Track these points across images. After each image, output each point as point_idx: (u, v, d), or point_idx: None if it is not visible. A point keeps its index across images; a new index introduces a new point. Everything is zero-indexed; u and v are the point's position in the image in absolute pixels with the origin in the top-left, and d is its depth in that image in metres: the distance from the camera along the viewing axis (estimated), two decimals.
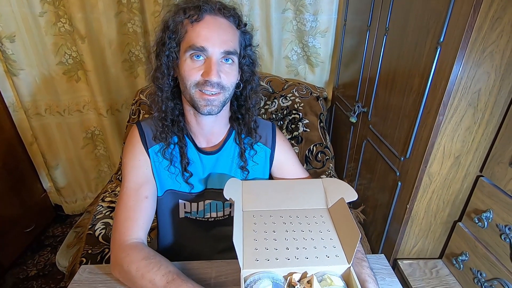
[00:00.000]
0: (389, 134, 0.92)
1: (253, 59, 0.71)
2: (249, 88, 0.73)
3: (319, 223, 0.68)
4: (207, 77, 0.61)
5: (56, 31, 1.34)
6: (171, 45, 0.63)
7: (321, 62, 1.47)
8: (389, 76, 0.91)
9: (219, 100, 0.65)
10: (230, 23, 0.65)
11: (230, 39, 0.64)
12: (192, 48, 0.61)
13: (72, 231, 1.09)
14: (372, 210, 1.08)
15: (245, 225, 0.65)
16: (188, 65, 0.63)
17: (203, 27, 0.61)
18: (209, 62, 0.62)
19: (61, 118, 1.53)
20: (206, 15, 0.62)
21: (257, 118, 0.78)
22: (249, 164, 0.78)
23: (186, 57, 0.63)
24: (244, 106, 0.75)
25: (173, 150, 0.72)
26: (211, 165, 0.76)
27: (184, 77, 0.64)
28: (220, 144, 0.76)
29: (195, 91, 0.64)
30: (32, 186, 1.66)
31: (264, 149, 0.79)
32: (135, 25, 1.40)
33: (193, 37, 0.61)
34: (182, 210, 0.78)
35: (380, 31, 0.96)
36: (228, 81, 0.64)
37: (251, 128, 0.76)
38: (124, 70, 1.49)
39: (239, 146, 0.77)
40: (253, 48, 0.71)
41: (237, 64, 0.67)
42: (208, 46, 0.61)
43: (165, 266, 0.58)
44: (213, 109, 0.65)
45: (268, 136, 0.80)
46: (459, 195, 0.79)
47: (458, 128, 0.69)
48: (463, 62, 0.62)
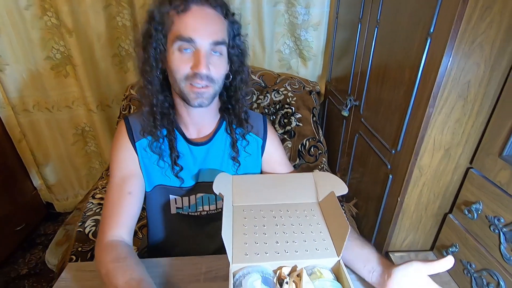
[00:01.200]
0: (380, 127, 0.91)
1: (242, 49, 0.70)
2: (238, 78, 0.72)
3: (309, 217, 0.67)
4: (196, 69, 0.60)
5: (43, 25, 1.31)
6: (158, 37, 0.61)
7: (314, 56, 1.46)
8: (381, 69, 0.91)
9: (209, 93, 0.63)
10: (217, 13, 0.63)
11: (218, 29, 0.62)
12: (179, 39, 0.59)
13: (62, 228, 1.07)
14: (364, 204, 1.08)
15: (235, 220, 0.65)
16: (176, 58, 0.61)
17: (189, 18, 0.59)
18: (198, 54, 0.60)
19: (50, 114, 1.50)
20: (193, 5, 0.60)
21: (247, 109, 0.77)
22: (241, 155, 0.77)
23: (174, 49, 0.61)
24: (234, 96, 0.74)
25: (162, 144, 0.71)
26: (202, 157, 0.75)
27: (173, 70, 0.62)
28: (211, 135, 0.75)
29: (185, 84, 0.62)
30: (22, 184, 1.64)
31: (256, 139, 0.78)
32: (124, 19, 1.38)
33: (180, 28, 0.60)
34: (174, 206, 0.77)
35: (372, 23, 0.95)
36: (217, 73, 0.63)
37: (242, 119, 0.75)
38: (114, 65, 1.47)
39: (231, 136, 0.76)
40: (242, 38, 0.70)
41: (226, 55, 0.66)
42: (196, 37, 0.59)
43: (130, 273, 0.55)
44: (204, 101, 0.64)
45: (259, 126, 0.79)
46: (449, 187, 0.79)
47: (448, 120, 0.69)
48: (452, 53, 0.61)
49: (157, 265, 0.68)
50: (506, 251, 0.63)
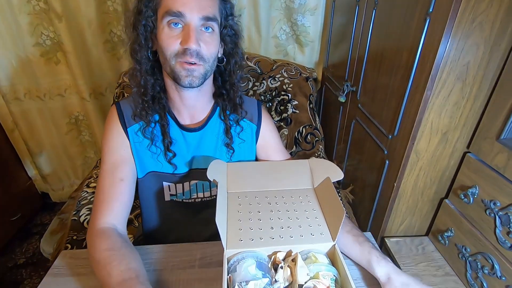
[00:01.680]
0: (377, 113, 0.90)
1: (235, 29, 0.68)
2: (233, 62, 0.70)
3: (305, 203, 0.67)
4: (186, 44, 0.58)
5: (31, 10, 1.27)
6: (147, 14, 0.59)
7: (311, 42, 1.43)
8: (378, 54, 0.89)
9: (200, 71, 0.61)
10: None
11: (209, 4, 0.60)
12: (168, 13, 0.57)
13: (56, 217, 1.06)
14: (360, 190, 1.08)
15: (230, 206, 0.64)
16: (166, 33, 0.59)
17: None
18: (188, 29, 0.58)
19: (42, 103, 1.47)
20: None
21: (242, 94, 0.76)
22: (235, 141, 0.76)
23: (164, 25, 0.59)
24: (228, 81, 0.72)
25: (154, 128, 0.69)
26: (196, 143, 0.73)
27: (163, 47, 0.60)
28: (204, 120, 0.73)
29: (175, 62, 0.60)
30: (16, 174, 1.62)
31: (250, 125, 0.77)
32: (116, 3, 1.33)
33: (169, 2, 0.58)
34: (167, 193, 0.76)
35: (370, 5, 0.92)
36: (208, 50, 0.61)
37: (236, 104, 0.73)
38: (106, 51, 1.43)
39: (224, 122, 0.74)
40: (235, 19, 0.67)
41: (218, 34, 0.64)
42: (186, 11, 0.57)
43: (127, 262, 0.55)
44: (194, 80, 0.61)
45: (253, 112, 0.77)
46: (446, 172, 0.79)
47: (446, 103, 0.68)
48: (451, 33, 0.59)
49: (152, 252, 0.67)
50: (501, 234, 0.63)
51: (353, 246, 0.61)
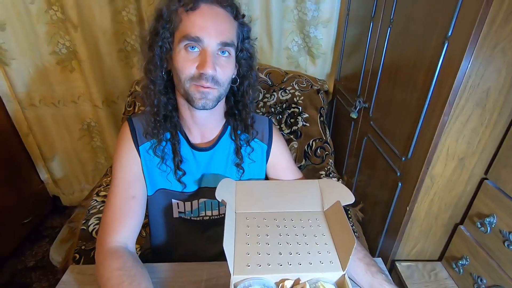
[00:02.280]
0: (390, 132, 0.88)
1: (251, 52, 0.68)
2: (246, 83, 0.70)
3: (314, 227, 0.65)
4: (202, 69, 0.58)
5: (48, 19, 1.29)
6: (164, 35, 0.60)
7: (323, 54, 1.42)
8: (392, 71, 0.87)
9: (214, 94, 0.61)
10: (227, 13, 0.61)
11: (227, 30, 0.60)
12: (186, 38, 0.57)
13: (66, 226, 1.08)
14: (370, 208, 1.05)
15: (238, 228, 0.63)
16: (183, 56, 0.59)
17: (198, 16, 0.57)
18: (205, 54, 0.58)
19: (56, 109, 1.50)
20: (202, 4, 0.58)
21: (254, 114, 0.75)
22: (245, 161, 0.75)
23: (180, 48, 0.59)
24: (241, 102, 0.72)
25: (165, 147, 0.69)
26: (205, 163, 0.73)
27: (178, 69, 0.60)
28: (215, 140, 0.73)
29: (190, 85, 0.60)
30: (29, 177, 1.65)
31: (261, 145, 0.76)
32: (130, 13, 1.35)
33: (187, 26, 0.58)
34: (176, 210, 0.76)
35: (385, 22, 0.90)
36: (223, 75, 0.61)
37: (248, 124, 0.73)
38: (119, 60, 1.45)
39: (235, 143, 0.74)
40: (251, 41, 0.67)
41: (234, 57, 0.64)
42: (204, 36, 0.57)
43: (137, 283, 0.55)
44: (208, 103, 0.61)
45: (264, 131, 0.77)
46: (462, 197, 0.76)
47: (464, 129, 0.65)
48: (472, 58, 0.57)
49: (159, 270, 0.67)
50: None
51: (365, 276, 0.59)
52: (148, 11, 1.31)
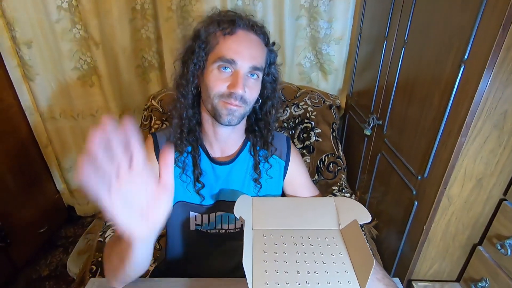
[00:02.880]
0: (405, 150, 0.88)
1: (276, 77, 0.73)
2: (269, 103, 0.74)
3: (331, 245, 0.66)
4: (233, 89, 0.62)
5: (72, 37, 1.36)
6: (199, 54, 0.65)
7: (335, 70, 1.44)
8: (407, 90, 0.88)
9: (240, 112, 0.65)
10: (260, 40, 0.66)
11: (258, 55, 0.65)
12: (221, 59, 0.62)
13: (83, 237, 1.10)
14: (385, 226, 1.05)
15: (255, 245, 0.64)
16: (215, 75, 0.64)
17: (234, 41, 0.63)
18: (237, 75, 0.63)
19: (75, 122, 1.55)
20: (239, 30, 0.64)
21: (274, 132, 0.78)
22: (263, 177, 0.77)
23: (214, 67, 0.64)
24: (263, 120, 0.75)
25: (186, 158, 0.72)
26: (224, 176, 0.75)
27: (209, 86, 0.65)
28: (234, 155, 0.76)
29: (218, 101, 0.65)
30: (46, 187, 1.70)
31: (279, 161, 0.78)
32: (148, 31, 1.41)
33: (223, 49, 0.63)
34: (193, 223, 0.77)
35: (398, 43, 0.92)
36: (250, 95, 0.66)
37: (268, 142, 0.76)
38: (137, 75, 1.50)
39: (254, 158, 0.76)
40: (277, 66, 0.73)
41: (261, 80, 0.69)
42: (238, 59, 0.62)
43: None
44: (233, 119, 0.65)
45: (282, 148, 0.79)
46: (480, 218, 0.75)
47: (482, 150, 0.66)
48: (489, 82, 0.58)
49: (175, 286, 0.68)
50: None
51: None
52: (165, 28, 1.36)
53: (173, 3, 1.29)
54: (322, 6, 1.29)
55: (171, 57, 1.40)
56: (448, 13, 0.68)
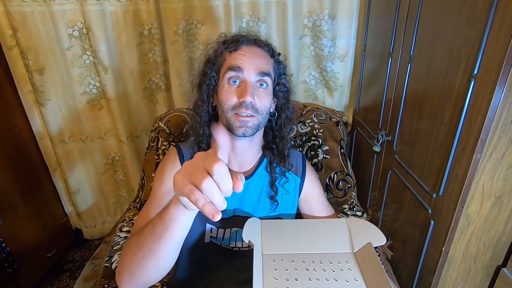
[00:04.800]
0: (417, 167, 0.86)
1: (287, 87, 0.77)
2: (284, 116, 0.77)
3: (345, 270, 0.63)
4: (242, 97, 0.66)
5: (82, 63, 1.40)
6: (211, 74, 0.72)
7: (340, 86, 1.44)
8: (416, 106, 0.86)
9: (253, 122, 0.68)
10: (264, 52, 0.73)
11: (264, 63, 0.70)
12: (229, 68, 0.68)
13: (89, 263, 1.08)
14: (401, 246, 1.00)
15: (265, 272, 0.61)
16: (226, 89, 0.69)
17: (239, 54, 0.69)
18: (244, 85, 0.67)
19: (84, 144, 1.56)
20: (243, 45, 0.70)
21: (290, 147, 0.80)
22: (280, 192, 0.79)
23: (224, 82, 0.69)
24: (279, 135, 0.78)
25: None
26: (241, 192, 0.75)
27: (222, 101, 0.69)
28: (252, 171, 0.78)
29: (231, 114, 0.68)
30: (54, 210, 1.70)
31: (295, 178, 0.80)
32: (156, 55, 1.44)
33: (230, 60, 0.69)
34: (208, 235, 0.77)
35: (404, 58, 0.92)
36: (261, 103, 0.68)
37: (285, 156, 0.78)
38: (144, 97, 1.53)
39: (270, 175, 0.78)
40: (287, 77, 0.77)
41: (271, 89, 0.72)
42: (244, 66, 0.67)
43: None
44: (247, 130, 0.68)
45: (298, 165, 0.82)
46: (502, 237, 0.71)
47: (499, 167, 0.63)
48: (502, 97, 0.57)
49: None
50: None
51: None
52: (171, 51, 1.39)
53: (179, 27, 1.32)
54: (325, 25, 1.31)
55: (177, 79, 1.42)
56: (454, 29, 0.67)
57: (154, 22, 1.36)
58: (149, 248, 0.53)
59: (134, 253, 0.56)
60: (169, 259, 0.57)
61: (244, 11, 1.30)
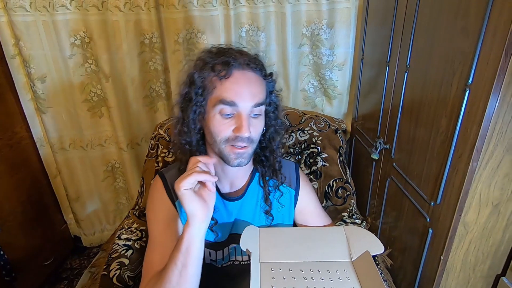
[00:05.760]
0: (415, 175, 0.86)
1: (277, 104, 0.72)
2: (272, 130, 0.73)
3: (343, 279, 0.62)
4: (239, 133, 0.60)
5: (83, 72, 1.42)
6: (197, 99, 0.63)
7: (339, 94, 1.45)
8: (413, 113, 0.87)
9: (248, 152, 0.64)
10: (257, 76, 0.64)
11: (259, 91, 0.63)
12: (222, 102, 0.60)
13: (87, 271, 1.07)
14: (400, 254, 1.00)
15: (263, 280, 0.61)
16: (218, 121, 0.62)
17: (232, 83, 0.61)
18: (240, 118, 0.60)
19: (84, 152, 1.57)
20: (235, 71, 0.61)
21: (281, 159, 0.77)
22: (275, 207, 0.76)
23: (215, 112, 0.62)
24: (268, 148, 0.74)
25: None
26: (236, 211, 0.75)
27: (214, 132, 0.63)
28: (244, 188, 0.75)
29: (225, 146, 0.63)
30: (54, 218, 1.69)
31: (289, 190, 0.78)
32: (156, 63, 1.46)
33: (222, 92, 0.60)
34: (208, 258, 0.76)
35: (401, 67, 0.93)
36: (256, 133, 0.65)
37: (276, 169, 0.75)
38: (144, 105, 1.54)
39: (263, 189, 0.75)
40: (276, 93, 0.72)
41: (263, 114, 0.67)
42: (239, 101, 0.60)
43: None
44: (243, 161, 0.64)
45: (292, 176, 0.79)
46: (500, 246, 0.71)
47: (495, 175, 0.63)
48: (496, 106, 0.57)
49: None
50: None
51: None
52: (172, 60, 1.41)
53: (179, 36, 1.34)
54: (324, 34, 1.33)
55: (177, 87, 1.42)
56: (449, 39, 0.68)
57: (155, 32, 1.39)
58: (177, 283, 0.56)
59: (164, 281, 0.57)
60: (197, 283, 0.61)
61: (243, 21, 1.32)
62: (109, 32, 1.34)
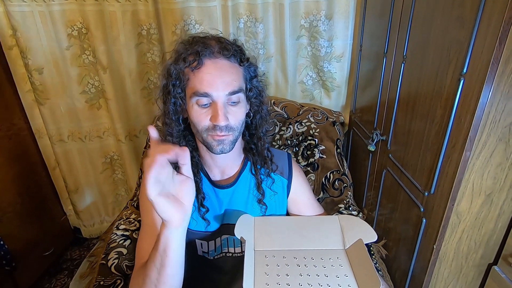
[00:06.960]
0: (410, 165, 0.86)
1: (260, 89, 0.70)
2: (258, 117, 0.72)
3: (336, 267, 0.63)
4: (215, 122, 0.61)
5: (81, 63, 1.41)
6: (176, 91, 0.63)
7: (337, 87, 1.45)
8: (409, 104, 0.87)
9: (229, 139, 0.64)
10: (231, 63, 0.63)
11: (233, 79, 0.62)
12: (196, 94, 0.60)
13: (86, 260, 1.09)
14: (394, 245, 1.01)
15: (257, 267, 0.62)
16: (196, 111, 0.62)
17: (204, 73, 0.60)
18: (215, 107, 0.61)
19: (82, 144, 1.58)
20: (206, 60, 0.60)
21: (269, 147, 0.77)
22: (267, 194, 0.76)
23: (193, 103, 0.62)
24: (255, 134, 0.74)
25: None
26: (227, 200, 0.74)
27: (194, 122, 0.64)
28: (235, 176, 0.75)
29: (207, 135, 0.64)
30: (53, 209, 1.71)
31: (281, 179, 0.77)
32: (154, 55, 1.46)
33: (195, 83, 0.60)
34: (200, 250, 0.76)
35: (398, 58, 0.93)
36: (236, 121, 0.64)
37: (266, 157, 0.75)
38: (142, 97, 1.54)
39: (255, 177, 0.75)
40: (259, 78, 0.70)
41: (244, 101, 0.66)
42: (212, 91, 0.60)
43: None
44: (225, 147, 0.64)
45: (284, 166, 0.78)
46: (493, 235, 0.72)
47: (488, 164, 0.64)
48: (490, 95, 0.57)
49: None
50: None
51: None
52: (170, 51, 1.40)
53: (177, 27, 1.34)
54: (322, 25, 1.32)
55: None
56: (445, 29, 0.68)
57: (153, 23, 1.38)
58: (156, 280, 0.56)
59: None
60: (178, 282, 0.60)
61: (241, 12, 1.31)
62: (106, 23, 1.33)
